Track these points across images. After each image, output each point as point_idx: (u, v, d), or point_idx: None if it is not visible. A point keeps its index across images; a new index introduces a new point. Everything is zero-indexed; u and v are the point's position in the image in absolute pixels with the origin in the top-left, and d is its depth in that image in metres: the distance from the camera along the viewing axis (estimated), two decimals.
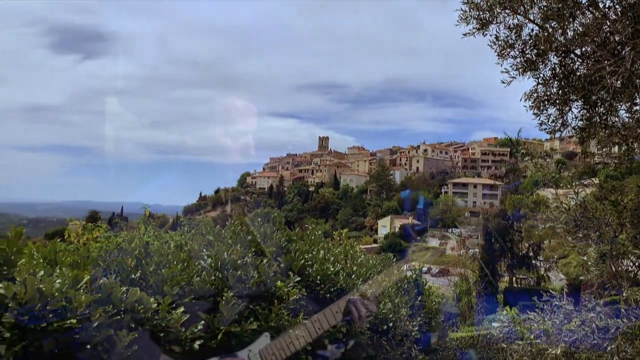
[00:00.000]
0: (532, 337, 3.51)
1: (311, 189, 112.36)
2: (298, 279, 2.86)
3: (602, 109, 3.55)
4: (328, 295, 3.30)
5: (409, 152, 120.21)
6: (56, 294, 1.71)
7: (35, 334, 1.66)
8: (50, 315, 1.68)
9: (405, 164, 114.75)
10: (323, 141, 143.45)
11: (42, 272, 1.81)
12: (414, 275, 6.24)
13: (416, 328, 4.71)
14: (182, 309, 2.08)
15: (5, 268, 1.77)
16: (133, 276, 2.25)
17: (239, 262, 2.61)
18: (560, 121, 3.60)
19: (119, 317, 1.86)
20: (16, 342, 1.61)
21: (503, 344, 3.90)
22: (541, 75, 3.55)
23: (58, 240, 3.07)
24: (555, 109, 3.57)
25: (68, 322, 1.69)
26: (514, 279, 42.62)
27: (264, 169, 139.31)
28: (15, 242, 1.82)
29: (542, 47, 3.36)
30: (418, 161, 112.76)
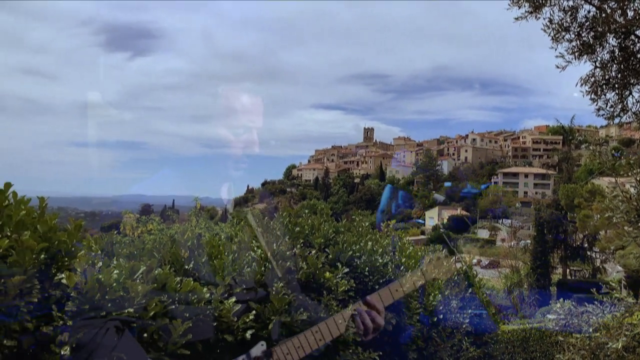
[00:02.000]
0: (590, 330, 3.38)
1: (356, 180, 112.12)
2: (347, 270, 2.86)
3: None
4: (377, 286, 3.28)
5: (456, 141, 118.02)
6: (114, 284, 1.77)
7: (96, 323, 1.72)
8: (109, 305, 1.74)
9: (453, 154, 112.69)
10: (368, 132, 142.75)
11: (101, 263, 1.87)
12: (463, 267, 6.14)
13: (467, 320, 4.63)
14: (234, 299, 2.12)
15: (66, 259, 1.84)
16: (186, 267, 2.30)
17: (287, 253, 2.63)
18: (619, 106, 3.43)
19: (173, 306, 1.91)
20: (78, 329, 1.68)
21: (560, 337, 3.78)
22: (599, 58, 3.39)
23: (114, 232, 3.18)
24: (614, 93, 3.41)
25: (126, 311, 1.74)
26: (567, 270, 41.34)
27: (309, 161, 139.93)
28: (75, 234, 1.89)
29: (599, 29, 3.21)
30: (466, 151, 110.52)
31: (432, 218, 78.64)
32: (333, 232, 3.44)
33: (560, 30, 3.35)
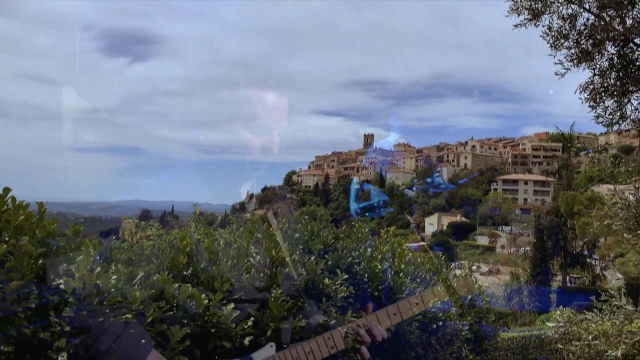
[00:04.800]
0: (590, 338, 3.38)
1: (357, 186, 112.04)
2: (346, 276, 2.86)
3: None
4: (376, 293, 3.28)
5: (456, 148, 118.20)
6: (112, 289, 1.76)
7: (94, 329, 1.71)
8: (107, 310, 1.73)
9: (453, 161, 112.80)
10: (368, 138, 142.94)
11: (99, 269, 1.87)
12: (462, 274, 6.13)
13: (466, 327, 4.61)
14: (232, 305, 2.11)
15: (64, 264, 1.84)
16: (185, 273, 2.29)
17: (287, 259, 2.63)
18: (618, 113, 3.44)
19: (171, 312, 1.90)
20: (75, 335, 1.67)
21: (559, 345, 3.77)
22: (597, 66, 3.41)
23: (113, 237, 3.17)
24: (612, 100, 3.42)
25: (124, 317, 1.73)
26: (567, 278, 41.29)
27: (309, 167, 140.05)
28: (74, 239, 1.89)
29: (598, 36, 3.22)
30: (466, 157, 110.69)
31: (432, 224, 78.60)
32: (332, 239, 3.43)
33: (559, 37, 3.36)
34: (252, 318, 2.18)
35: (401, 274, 3.69)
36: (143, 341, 1.71)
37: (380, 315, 2.23)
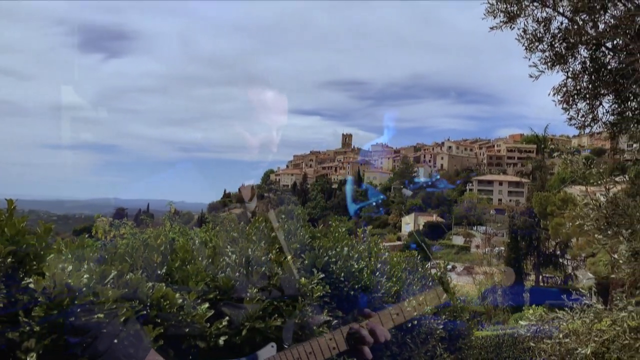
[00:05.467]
0: (560, 336, 3.44)
1: (334, 186, 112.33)
2: (322, 275, 2.86)
3: (634, 104, 3.46)
4: (352, 292, 3.29)
5: (433, 149, 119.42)
6: (84, 289, 1.73)
7: (64, 328, 1.68)
8: (79, 310, 1.70)
9: (430, 161, 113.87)
10: (346, 138, 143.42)
11: (71, 267, 1.83)
12: (438, 273, 6.20)
13: (441, 326, 4.66)
14: (207, 304, 2.09)
15: (34, 263, 1.80)
16: (159, 272, 2.27)
17: (263, 258, 2.62)
18: (590, 116, 3.51)
19: (144, 312, 1.88)
20: (45, 335, 1.64)
21: (531, 343, 3.84)
22: (571, 69, 3.47)
23: (86, 236, 3.12)
24: (585, 103, 3.49)
25: (95, 316, 1.70)
26: (540, 277, 42.03)
27: (287, 166, 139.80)
28: (44, 237, 1.85)
29: (571, 40, 3.28)
30: (442, 158, 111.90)
31: (408, 224, 79.21)
32: (309, 238, 3.43)
33: (533, 40, 3.42)
34: (227, 318, 2.17)
35: (377, 272, 3.72)
36: (142, 341, 1.69)
37: (382, 315, 2.22)
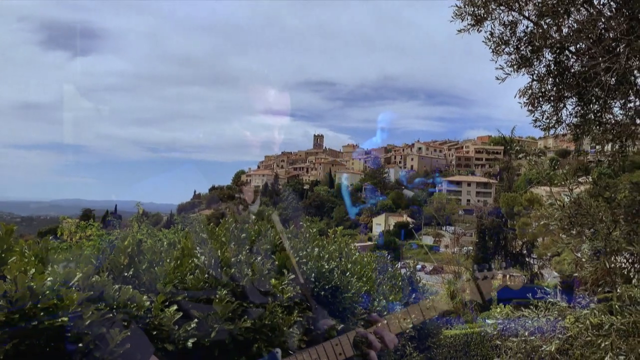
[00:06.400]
0: (526, 334, 3.51)
1: (306, 187, 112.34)
2: (292, 276, 2.85)
3: (596, 106, 3.55)
4: (322, 292, 3.29)
5: (403, 150, 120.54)
6: (47, 292, 1.69)
7: (26, 333, 1.64)
8: (42, 314, 1.66)
9: (400, 162, 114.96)
10: (318, 139, 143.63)
11: (34, 270, 1.78)
12: (408, 273, 6.26)
13: (410, 326, 4.71)
14: (175, 307, 2.07)
15: None
16: (126, 274, 2.23)
17: (232, 260, 2.60)
18: (554, 118, 3.60)
19: (111, 315, 1.84)
20: (7, 340, 1.59)
21: (497, 341, 3.91)
22: (536, 71, 3.54)
23: (51, 238, 3.04)
24: (549, 105, 3.57)
25: (59, 320, 1.66)
26: (507, 276, 42.84)
27: (258, 167, 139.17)
28: (6, 239, 1.80)
29: (536, 43, 3.35)
30: (412, 159, 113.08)
31: (379, 224, 79.72)
32: (280, 239, 3.42)
33: (500, 43, 3.48)
34: (196, 320, 2.14)
35: (348, 273, 3.73)
36: (144, 346, 1.66)
37: (390, 320, 2.19)
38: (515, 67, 3.51)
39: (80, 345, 1.72)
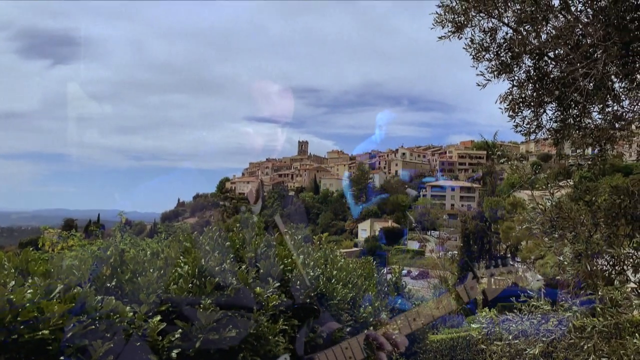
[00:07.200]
0: (510, 337, 3.54)
1: (291, 193, 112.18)
2: (277, 284, 2.84)
3: (575, 111, 3.61)
4: (308, 300, 3.28)
5: (387, 155, 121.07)
6: (27, 304, 1.67)
7: (6, 347, 1.61)
8: (22, 327, 1.63)
9: (384, 168, 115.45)
10: (302, 145, 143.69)
11: (13, 282, 1.76)
12: (393, 278, 6.27)
13: (396, 331, 4.71)
14: (158, 317, 2.05)
15: None
16: (108, 285, 2.20)
17: (217, 268, 2.58)
18: (535, 123, 3.64)
19: (93, 326, 1.82)
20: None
21: (482, 345, 3.93)
22: (516, 77, 3.59)
23: (31, 249, 2.99)
24: (530, 111, 3.62)
25: (40, 333, 1.64)
26: (492, 280, 43.10)
27: (243, 174, 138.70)
28: None
29: (516, 49, 3.40)
30: (397, 165, 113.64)
31: (365, 230, 79.87)
32: (264, 246, 3.40)
33: (480, 50, 3.52)
34: (180, 330, 2.12)
35: (333, 280, 3.72)
36: (127, 358, 1.64)
37: (399, 322, 2.17)
38: (495, 73, 3.55)
39: (62, 358, 1.70)
